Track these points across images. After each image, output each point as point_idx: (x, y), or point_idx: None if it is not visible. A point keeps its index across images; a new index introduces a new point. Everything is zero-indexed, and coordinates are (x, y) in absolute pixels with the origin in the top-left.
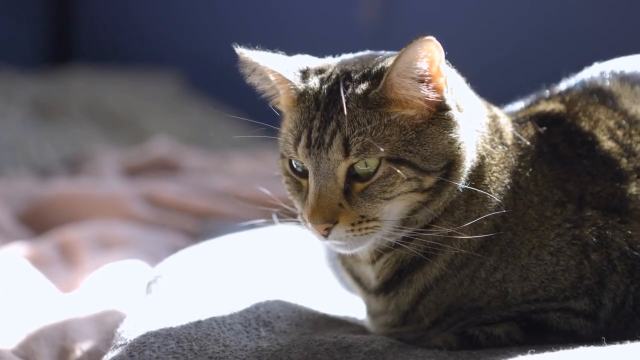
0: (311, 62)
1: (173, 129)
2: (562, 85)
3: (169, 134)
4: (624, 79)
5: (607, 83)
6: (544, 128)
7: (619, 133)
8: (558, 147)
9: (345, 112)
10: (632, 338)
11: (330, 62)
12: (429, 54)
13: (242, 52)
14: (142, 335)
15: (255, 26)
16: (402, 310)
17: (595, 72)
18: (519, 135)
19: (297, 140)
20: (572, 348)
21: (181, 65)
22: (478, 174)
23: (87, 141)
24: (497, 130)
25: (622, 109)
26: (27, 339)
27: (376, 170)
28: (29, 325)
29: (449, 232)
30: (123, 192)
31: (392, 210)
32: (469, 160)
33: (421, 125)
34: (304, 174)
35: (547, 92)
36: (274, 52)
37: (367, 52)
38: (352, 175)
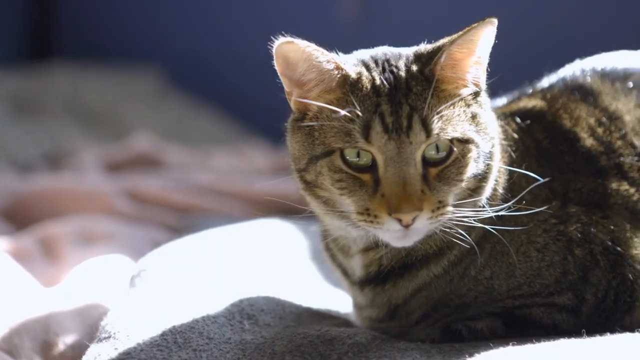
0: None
1: (154, 124)
2: (544, 82)
3: (150, 129)
4: (605, 75)
5: (588, 80)
6: (527, 122)
7: (600, 130)
8: (541, 144)
9: (407, 94)
10: (612, 331)
11: (347, 58)
12: (487, 38)
13: (291, 40)
14: (126, 328)
15: (236, 22)
16: (393, 304)
17: (577, 68)
18: (510, 131)
19: (367, 128)
20: (553, 340)
21: (162, 61)
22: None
23: (67, 137)
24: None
25: (602, 106)
26: (10, 333)
27: (450, 152)
28: (12, 319)
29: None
30: (105, 188)
31: (454, 197)
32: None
33: (472, 105)
34: (364, 168)
35: (529, 89)
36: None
37: (385, 47)
38: (423, 161)
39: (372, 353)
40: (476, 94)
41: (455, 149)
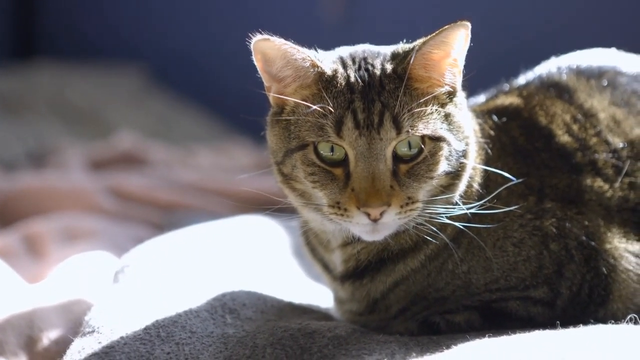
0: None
1: (138, 123)
2: (521, 79)
3: (133, 128)
4: (580, 73)
5: (564, 77)
6: (503, 119)
7: (575, 127)
8: (517, 140)
9: (381, 92)
10: (586, 323)
11: (327, 55)
12: (460, 40)
13: (267, 37)
14: (110, 323)
15: (221, 21)
16: (373, 298)
17: (553, 66)
18: (487, 128)
19: (339, 123)
20: (528, 332)
21: (146, 60)
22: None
23: (52, 135)
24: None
25: (578, 103)
26: None
27: (421, 149)
28: None
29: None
30: (89, 185)
31: (425, 193)
32: (474, 147)
33: (447, 105)
34: (336, 162)
35: (506, 86)
36: None
37: (366, 45)
38: (395, 158)
39: (351, 345)
40: (451, 94)
41: (426, 146)
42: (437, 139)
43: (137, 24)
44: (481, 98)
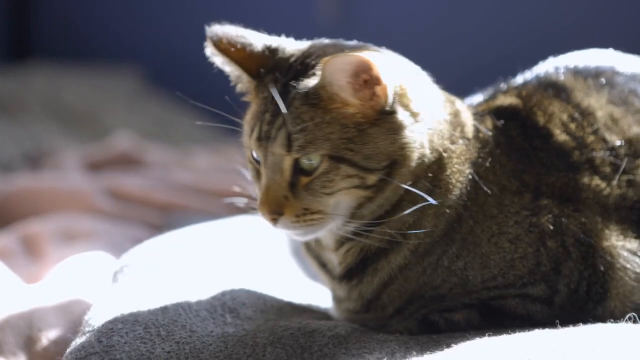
0: (285, 46)
1: (134, 124)
2: (519, 79)
3: (130, 129)
4: (578, 72)
5: (562, 77)
6: (501, 121)
7: (572, 126)
8: (514, 140)
9: (287, 108)
10: (585, 321)
11: (297, 51)
12: (360, 68)
13: (213, 38)
14: (110, 322)
15: (214, 20)
16: (366, 298)
17: (550, 66)
18: (481, 128)
19: (251, 132)
20: (528, 331)
21: (142, 61)
22: (438, 166)
23: (47, 137)
24: (458, 125)
25: (575, 102)
26: None
27: (318, 167)
28: None
29: (413, 222)
30: (86, 186)
31: (339, 204)
32: (414, 160)
33: (363, 124)
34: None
35: (504, 86)
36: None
37: (331, 40)
38: (298, 169)
39: (351, 344)
40: (383, 113)
41: (322, 164)
42: (335, 159)
43: (133, 25)
44: (479, 97)
